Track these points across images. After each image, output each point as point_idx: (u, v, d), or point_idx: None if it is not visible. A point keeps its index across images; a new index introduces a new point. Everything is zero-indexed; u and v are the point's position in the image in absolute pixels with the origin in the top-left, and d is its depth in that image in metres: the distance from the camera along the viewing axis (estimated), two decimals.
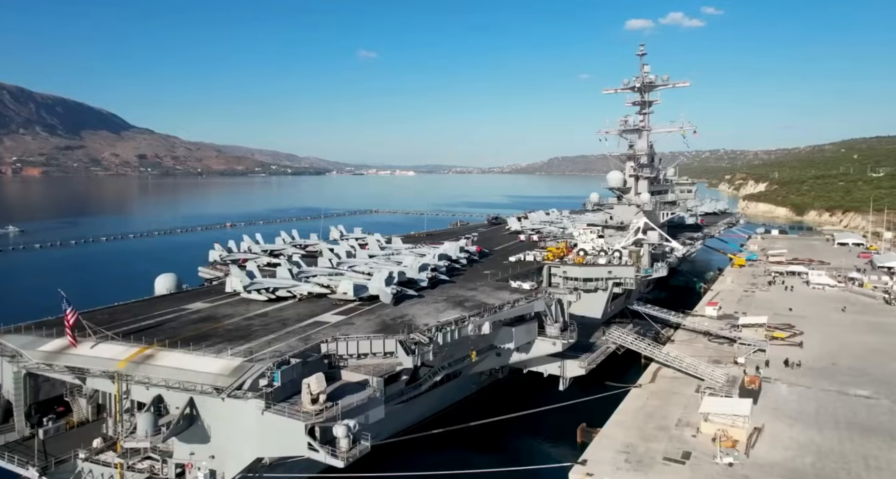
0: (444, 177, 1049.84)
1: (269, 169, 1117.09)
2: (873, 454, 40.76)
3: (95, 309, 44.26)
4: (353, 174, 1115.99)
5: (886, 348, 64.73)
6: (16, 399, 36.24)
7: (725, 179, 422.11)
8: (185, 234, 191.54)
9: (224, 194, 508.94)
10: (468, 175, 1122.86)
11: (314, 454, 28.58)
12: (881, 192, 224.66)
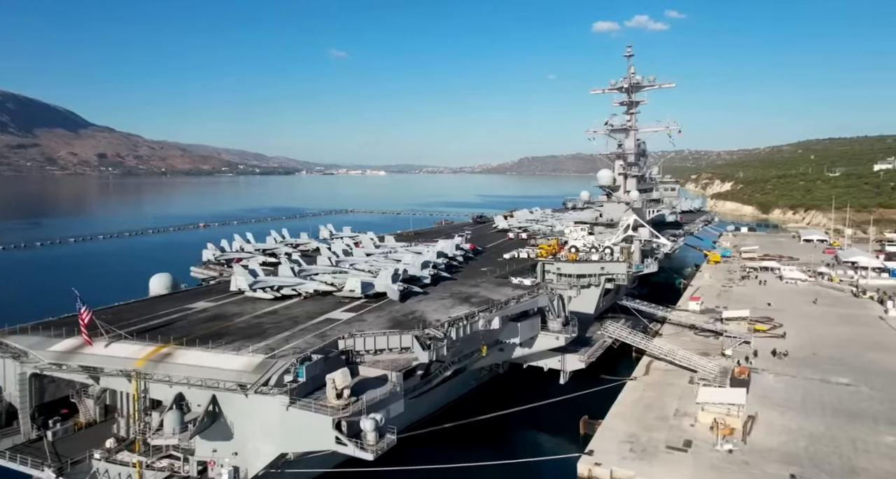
0: (416, 177, 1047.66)
1: (236, 169, 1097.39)
2: (860, 438, 42.99)
3: (97, 309, 43.45)
4: (324, 174, 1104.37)
5: (859, 338, 67.93)
6: (21, 401, 35.54)
7: (692, 178, 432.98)
8: (158, 234, 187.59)
9: (191, 194, 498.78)
10: (439, 175, 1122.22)
11: (342, 448, 28.92)
12: (838, 190, 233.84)
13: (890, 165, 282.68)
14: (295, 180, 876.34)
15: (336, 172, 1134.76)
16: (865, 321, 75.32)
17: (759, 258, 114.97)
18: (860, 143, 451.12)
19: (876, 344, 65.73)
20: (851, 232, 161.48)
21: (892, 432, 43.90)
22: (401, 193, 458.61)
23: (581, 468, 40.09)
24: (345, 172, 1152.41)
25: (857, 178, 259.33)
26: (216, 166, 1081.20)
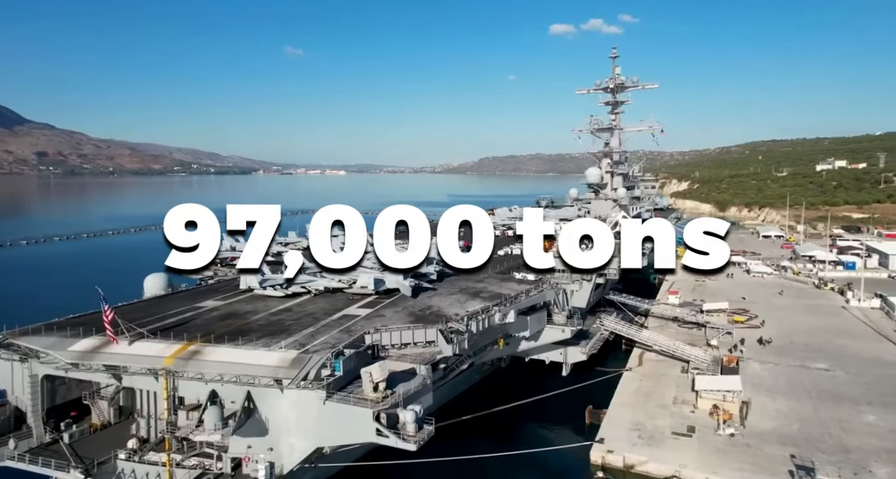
0: (377, 176, 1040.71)
1: (189, 168, 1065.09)
2: (845, 418, 45.94)
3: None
4: (282, 174, 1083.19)
5: (828, 326, 72.11)
6: (32, 404, 34.55)
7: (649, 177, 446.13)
8: (119, 236, 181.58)
9: (145, 194, 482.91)
10: (400, 175, 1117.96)
11: (383, 440, 29.29)
12: (787, 189, 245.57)
13: (830, 165, 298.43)
14: (252, 180, 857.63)
15: (294, 172, 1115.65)
16: (830, 311, 79.92)
17: None
18: (800, 144, 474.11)
19: (843, 332, 69.95)
20: (803, 228, 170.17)
21: (872, 411, 47.07)
22: (366, 193, 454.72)
23: (594, 455, 41.57)
24: (303, 171, 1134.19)
25: (802, 177, 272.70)
26: (168, 166, 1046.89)
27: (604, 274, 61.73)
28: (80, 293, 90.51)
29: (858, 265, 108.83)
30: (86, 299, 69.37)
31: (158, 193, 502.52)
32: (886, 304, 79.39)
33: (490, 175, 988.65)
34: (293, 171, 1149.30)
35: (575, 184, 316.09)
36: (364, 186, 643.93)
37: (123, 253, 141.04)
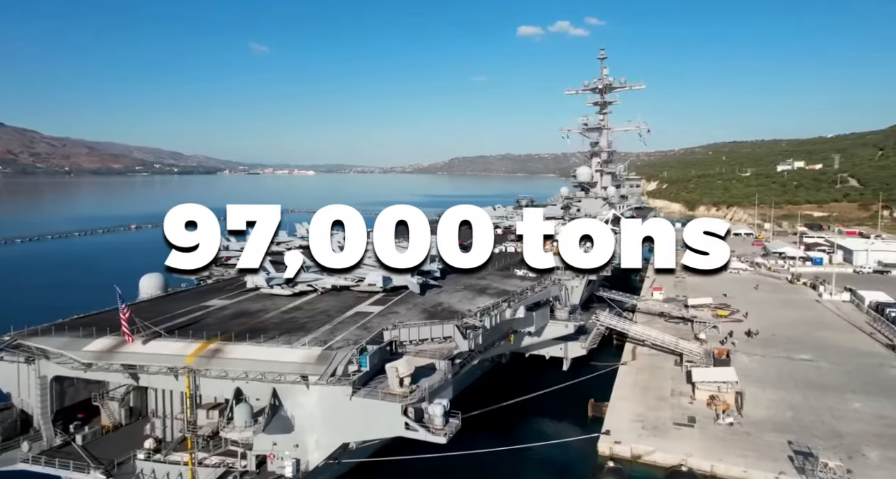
0: (346, 176, 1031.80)
1: (151, 168, 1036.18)
2: (834, 406, 48.09)
3: (108, 310, 41.68)
4: (248, 173, 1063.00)
5: (806, 319, 75.17)
6: (42, 407, 33.76)
7: None
8: (86, 237, 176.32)
9: (106, 195, 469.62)
10: (370, 175, 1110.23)
11: (412, 434, 29.61)
12: (751, 189, 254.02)
13: (789, 166, 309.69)
14: (218, 180, 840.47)
15: (262, 172, 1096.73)
16: (806, 305, 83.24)
17: None
18: (760, 146, 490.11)
19: (821, 324, 73.01)
20: (770, 226, 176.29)
21: (857, 399, 49.39)
22: (340, 193, 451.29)
23: (602, 447, 42.61)
24: (271, 171, 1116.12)
25: (765, 177, 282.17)
26: (129, 165, 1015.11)
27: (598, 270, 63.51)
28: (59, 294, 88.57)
29: (825, 261, 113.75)
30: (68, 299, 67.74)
31: (120, 193, 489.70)
32: (856, 297, 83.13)
33: (460, 175, 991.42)
34: (260, 171, 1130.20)
35: (543, 184, 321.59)
36: (334, 186, 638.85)
37: (96, 254, 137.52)
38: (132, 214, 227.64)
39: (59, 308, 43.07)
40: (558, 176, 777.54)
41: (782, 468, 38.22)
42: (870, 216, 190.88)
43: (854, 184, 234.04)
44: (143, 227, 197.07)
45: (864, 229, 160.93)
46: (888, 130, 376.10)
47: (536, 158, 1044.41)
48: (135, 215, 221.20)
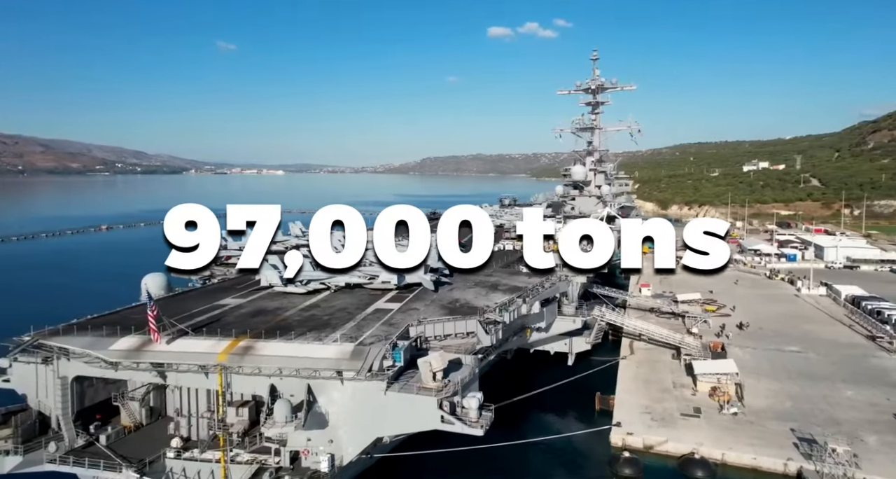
0: (316, 176, 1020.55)
1: (113, 167, 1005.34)
2: (828, 395, 50.19)
3: (120, 310, 41.01)
4: (215, 173, 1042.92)
5: (789, 313, 78.03)
6: (63, 408, 33.09)
7: None
8: (56, 238, 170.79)
9: (63, 195, 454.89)
10: (341, 174, 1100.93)
11: (448, 427, 30.00)
12: (720, 188, 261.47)
13: (755, 166, 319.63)
14: (184, 180, 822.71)
15: (229, 172, 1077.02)
16: (786, 299, 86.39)
17: (679, 249, 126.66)
18: (724, 147, 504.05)
19: (803, 317, 75.91)
20: (741, 224, 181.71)
21: (849, 387, 51.63)
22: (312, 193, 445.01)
23: (615, 438, 43.70)
24: (238, 171, 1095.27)
25: (733, 177, 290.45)
26: (88, 164, 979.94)
27: None
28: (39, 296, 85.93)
29: (798, 258, 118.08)
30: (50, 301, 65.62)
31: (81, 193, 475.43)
32: (833, 291, 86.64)
33: (432, 175, 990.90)
34: (228, 170, 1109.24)
35: (515, 184, 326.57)
36: (305, 185, 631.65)
37: (72, 256, 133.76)
38: (101, 215, 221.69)
39: (44, 311, 42.13)
40: (529, 176, 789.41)
41: (789, 455, 39.86)
42: (832, 214, 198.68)
43: (816, 184, 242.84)
44: (115, 227, 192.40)
45: (829, 227, 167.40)
46: (842, 132, 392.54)
47: (507, 159, 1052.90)
48: (104, 216, 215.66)
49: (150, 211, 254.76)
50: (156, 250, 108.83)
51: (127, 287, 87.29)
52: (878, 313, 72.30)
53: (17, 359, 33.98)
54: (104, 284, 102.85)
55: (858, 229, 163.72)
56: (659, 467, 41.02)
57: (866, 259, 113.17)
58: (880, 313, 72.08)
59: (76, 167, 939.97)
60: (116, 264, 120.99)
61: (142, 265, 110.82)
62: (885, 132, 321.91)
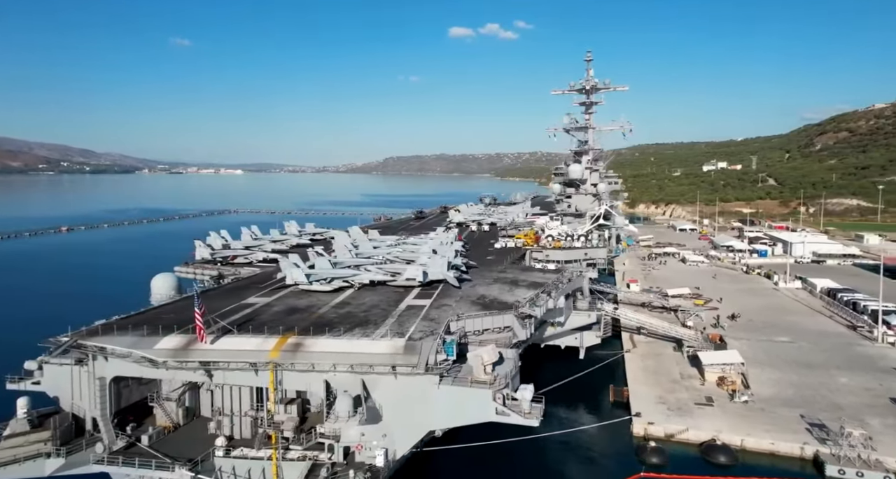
0: (277, 176, 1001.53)
1: (58, 166, 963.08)
2: (825, 382, 52.74)
3: (145, 310, 39.93)
4: (170, 173, 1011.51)
5: (772, 305, 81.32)
6: (101, 409, 32.13)
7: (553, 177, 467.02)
8: (12, 240, 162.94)
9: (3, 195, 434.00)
10: (302, 174, 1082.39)
11: (503, 418, 30.47)
12: (684, 187, 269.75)
13: (714, 166, 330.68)
14: (138, 180, 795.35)
15: (185, 171, 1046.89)
16: (766, 293, 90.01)
17: (656, 245, 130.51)
18: (681, 147, 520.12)
19: (785, 309, 79.35)
20: (708, 222, 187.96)
21: (842, 374, 54.39)
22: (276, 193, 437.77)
23: (637, 428, 44.97)
24: (195, 170, 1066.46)
25: (695, 177, 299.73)
26: (30, 163, 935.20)
27: (593, 263, 66.30)
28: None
29: (769, 253, 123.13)
30: None
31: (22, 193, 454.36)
32: (808, 284, 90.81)
33: (395, 175, 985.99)
34: (183, 170, 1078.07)
35: (480, 184, 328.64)
36: (268, 185, 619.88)
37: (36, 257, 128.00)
38: (64, 216, 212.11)
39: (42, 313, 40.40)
40: (493, 176, 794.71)
41: (805, 439, 41.83)
42: (790, 212, 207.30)
43: (773, 183, 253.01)
44: (76, 229, 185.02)
45: (789, 224, 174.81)
46: (790, 134, 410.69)
47: (471, 159, 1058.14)
48: (66, 217, 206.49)
49: (112, 211, 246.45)
50: (128, 252, 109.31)
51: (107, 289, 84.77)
52: (854, 305, 76.29)
53: (49, 361, 32.85)
54: (83, 286, 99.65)
55: (816, 226, 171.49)
56: (682, 454, 42.38)
57: (830, 254, 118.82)
58: (856, 305, 76.05)
59: (17, 166, 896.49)
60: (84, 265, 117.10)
61: (119, 267, 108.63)
62: (830, 134, 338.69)
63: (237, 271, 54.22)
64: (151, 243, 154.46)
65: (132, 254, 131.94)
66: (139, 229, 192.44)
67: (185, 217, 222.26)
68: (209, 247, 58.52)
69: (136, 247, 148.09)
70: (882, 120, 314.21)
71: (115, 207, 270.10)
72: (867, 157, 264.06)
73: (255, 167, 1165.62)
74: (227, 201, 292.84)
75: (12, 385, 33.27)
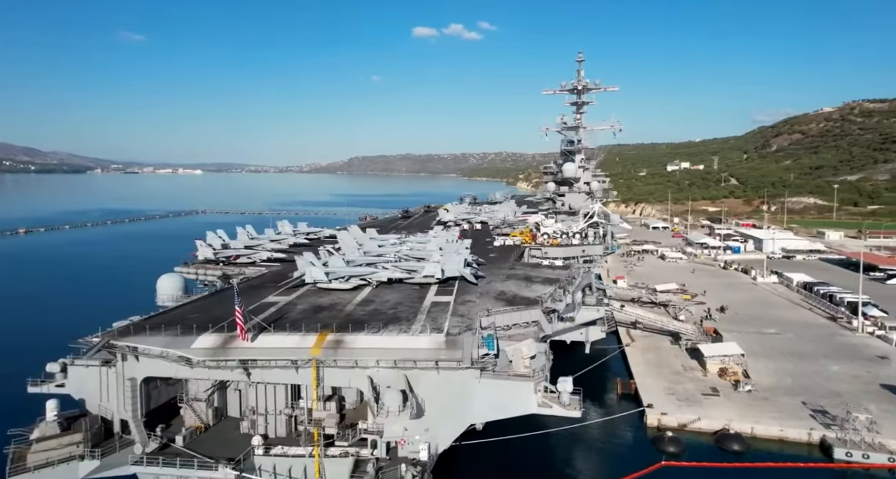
0: (238, 176, 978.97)
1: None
2: (818, 370, 55.06)
3: (166, 311, 38.87)
4: (125, 173, 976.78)
5: (754, 299, 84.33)
6: (133, 410, 31.25)
7: (520, 177, 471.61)
8: None
9: None
10: (265, 174, 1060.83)
11: (545, 410, 30.92)
12: (651, 187, 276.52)
13: (677, 166, 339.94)
14: (89, 180, 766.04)
15: (140, 171, 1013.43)
16: (746, 287, 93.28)
17: (634, 243, 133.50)
18: (643, 148, 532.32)
19: (767, 303, 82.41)
20: (678, 220, 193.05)
21: (833, 363, 56.88)
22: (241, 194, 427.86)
23: (650, 419, 46.16)
24: (151, 170, 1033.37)
25: (660, 176, 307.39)
26: None
27: (590, 259, 67.48)
28: None
29: (742, 249, 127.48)
30: None
31: None
32: (784, 279, 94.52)
33: (361, 175, 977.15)
34: (139, 169, 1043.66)
35: (446, 183, 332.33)
36: (230, 186, 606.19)
37: None
38: (26, 218, 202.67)
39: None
40: (460, 175, 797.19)
41: (811, 426, 43.68)
42: (753, 210, 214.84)
43: (735, 183, 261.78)
44: (34, 231, 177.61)
45: (755, 222, 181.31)
46: (746, 135, 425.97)
47: (437, 159, 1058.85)
48: (28, 219, 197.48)
49: (73, 212, 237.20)
50: (104, 254, 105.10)
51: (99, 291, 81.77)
52: (831, 297, 79.87)
53: (74, 363, 31.80)
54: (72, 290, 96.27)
55: (779, 224, 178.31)
56: (696, 443, 43.70)
57: (798, 250, 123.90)
58: (832, 297, 79.65)
59: None
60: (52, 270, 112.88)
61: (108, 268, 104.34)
62: (785, 136, 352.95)
63: (242, 271, 53.14)
64: (124, 245, 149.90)
65: (112, 256, 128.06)
66: (104, 231, 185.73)
67: (151, 218, 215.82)
68: (210, 246, 57.10)
69: (106, 249, 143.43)
70: (831, 123, 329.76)
71: (72, 208, 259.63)
72: (819, 157, 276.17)
73: (214, 167, 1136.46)
74: (195, 202, 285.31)
75: (34, 388, 32.16)
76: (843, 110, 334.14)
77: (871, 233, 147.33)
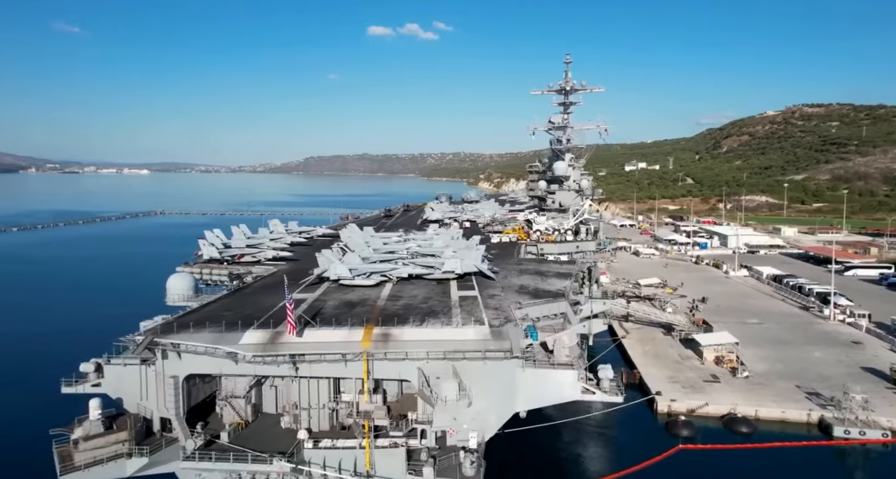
0: (188, 176, 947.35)
1: None
2: (804, 356, 58.36)
3: (199, 307, 38.13)
4: (63, 173, 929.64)
5: (730, 291, 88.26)
6: (175, 408, 30.73)
7: (481, 177, 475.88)
8: None
9: None
10: (216, 174, 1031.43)
11: (589, 397, 31.91)
12: (612, 186, 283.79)
13: (635, 166, 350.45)
14: (23, 180, 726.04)
15: (81, 171, 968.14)
16: (720, 281, 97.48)
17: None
18: (598, 148, 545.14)
19: (743, 294, 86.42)
20: (642, 218, 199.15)
21: (813, 349, 60.39)
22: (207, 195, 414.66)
23: (661, 405, 48.08)
24: (93, 170, 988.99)
25: (619, 176, 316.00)
26: None
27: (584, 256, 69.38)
28: None
29: (709, 245, 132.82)
30: None
31: None
32: (754, 272, 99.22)
33: (317, 175, 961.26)
34: (79, 169, 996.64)
35: (406, 183, 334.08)
36: (181, 186, 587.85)
37: None
38: None
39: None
40: (419, 175, 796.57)
41: (809, 407, 46.46)
42: (711, 208, 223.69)
43: (691, 182, 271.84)
44: (7, 230, 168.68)
45: (715, 219, 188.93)
46: (696, 137, 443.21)
47: (395, 159, 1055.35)
48: None
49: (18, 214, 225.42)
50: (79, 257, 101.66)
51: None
52: (800, 288, 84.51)
53: (111, 362, 31.08)
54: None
55: (736, 221, 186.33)
56: (704, 426, 45.81)
57: (760, 245, 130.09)
58: (801, 288, 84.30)
59: None
60: None
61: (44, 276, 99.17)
62: (734, 138, 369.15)
63: (249, 270, 52.29)
64: (83, 248, 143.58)
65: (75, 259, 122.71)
66: (57, 233, 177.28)
67: (107, 220, 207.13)
68: (212, 246, 55.79)
69: (81, 252, 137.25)
70: (775, 126, 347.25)
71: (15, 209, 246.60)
72: (767, 158, 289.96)
73: (162, 166, 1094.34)
74: (151, 203, 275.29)
75: (68, 389, 31.29)
76: (786, 114, 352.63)
77: (821, 229, 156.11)
